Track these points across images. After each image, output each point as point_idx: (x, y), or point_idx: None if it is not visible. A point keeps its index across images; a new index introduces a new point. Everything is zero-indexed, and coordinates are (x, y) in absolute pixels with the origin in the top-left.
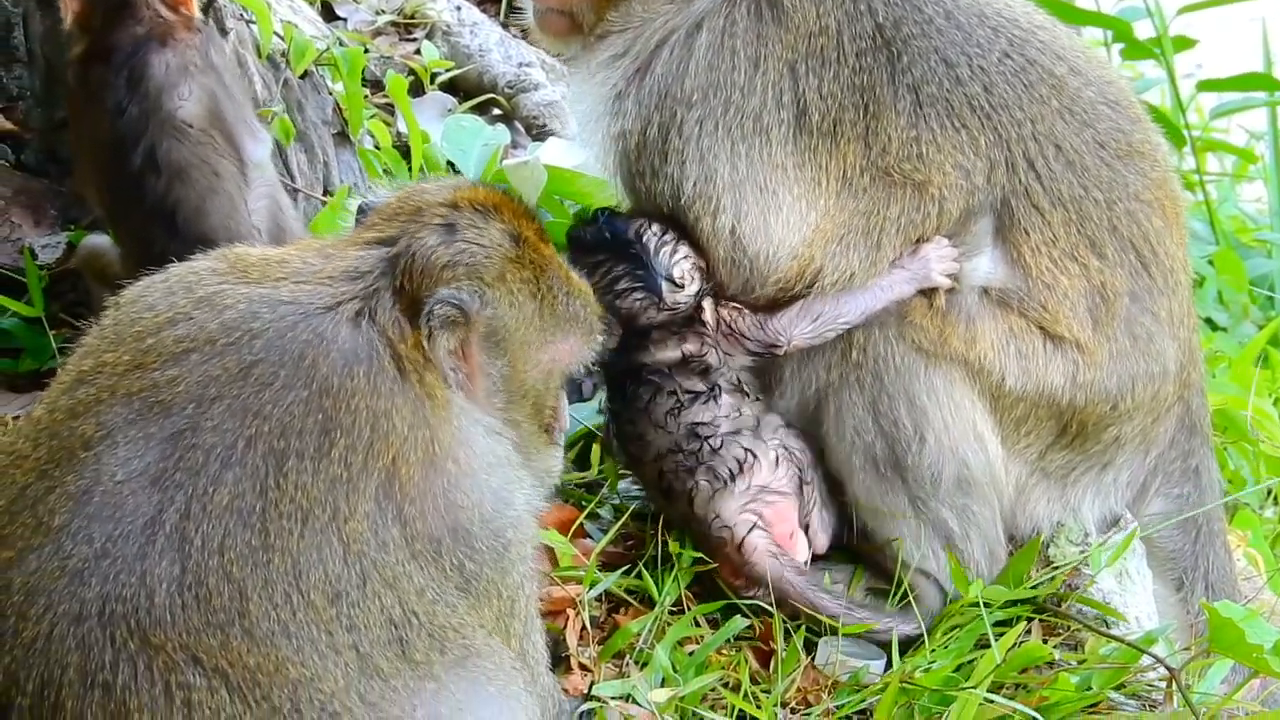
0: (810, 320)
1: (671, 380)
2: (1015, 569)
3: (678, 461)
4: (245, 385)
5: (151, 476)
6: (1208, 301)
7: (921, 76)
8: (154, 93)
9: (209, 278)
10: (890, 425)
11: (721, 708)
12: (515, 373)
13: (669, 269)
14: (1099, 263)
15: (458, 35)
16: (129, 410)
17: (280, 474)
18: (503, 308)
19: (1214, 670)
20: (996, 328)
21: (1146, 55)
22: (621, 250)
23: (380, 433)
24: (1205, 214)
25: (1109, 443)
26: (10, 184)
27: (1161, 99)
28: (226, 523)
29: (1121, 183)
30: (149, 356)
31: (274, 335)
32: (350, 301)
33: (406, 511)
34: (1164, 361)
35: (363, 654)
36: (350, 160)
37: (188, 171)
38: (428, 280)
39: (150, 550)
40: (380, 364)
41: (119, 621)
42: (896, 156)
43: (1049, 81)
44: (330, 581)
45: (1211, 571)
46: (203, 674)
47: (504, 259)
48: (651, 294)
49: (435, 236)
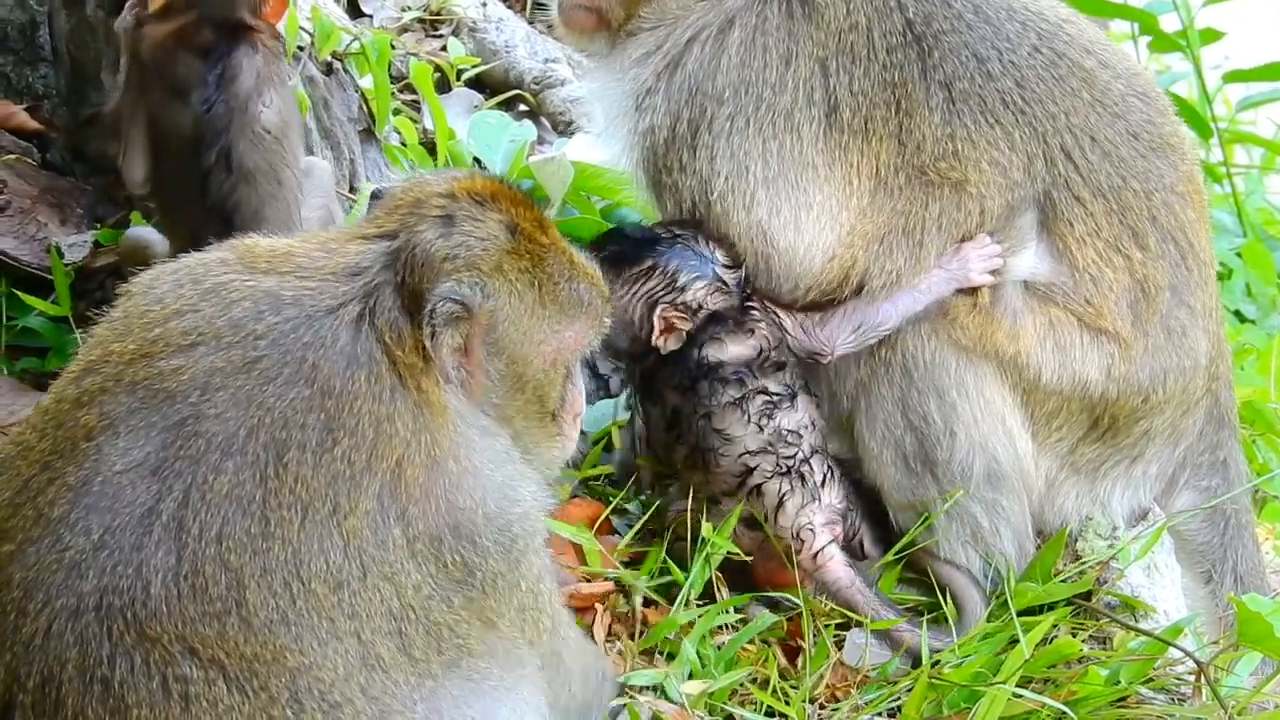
0: (853, 329)
1: (755, 379)
2: (1043, 563)
3: (771, 464)
4: (249, 378)
5: (151, 466)
6: (1236, 294)
7: (953, 72)
8: (242, 95)
9: (217, 268)
10: (920, 420)
11: (750, 704)
12: (516, 365)
13: (713, 252)
14: (1142, 254)
15: (483, 31)
16: (133, 400)
17: (281, 464)
18: (502, 299)
19: (1242, 663)
20: (1037, 321)
21: (1173, 48)
22: (666, 248)
23: (384, 435)
24: (1233, 206)
25: (1139, 436)
26: (36, 182)
27: (1188, 91)
28: (225, 511)
29: (1157, 174)
30: (155, 346)
31: (278, 336)
32: (351, 303)
33: (410, 512)
34: (1195, 355)
35: (364, 641)
36: (376, 158)
37: (255, 175)
38: (429, 274)
39: (147, 541)
40: (379, 370)
41: (116, 615)
42: (932, 155)
43: (1079, 74)
44: (332, 571)
45: (1240, 564)
46: (199, 666)
47: (501, 250)
48: (713, 278)
49: (433, 230)
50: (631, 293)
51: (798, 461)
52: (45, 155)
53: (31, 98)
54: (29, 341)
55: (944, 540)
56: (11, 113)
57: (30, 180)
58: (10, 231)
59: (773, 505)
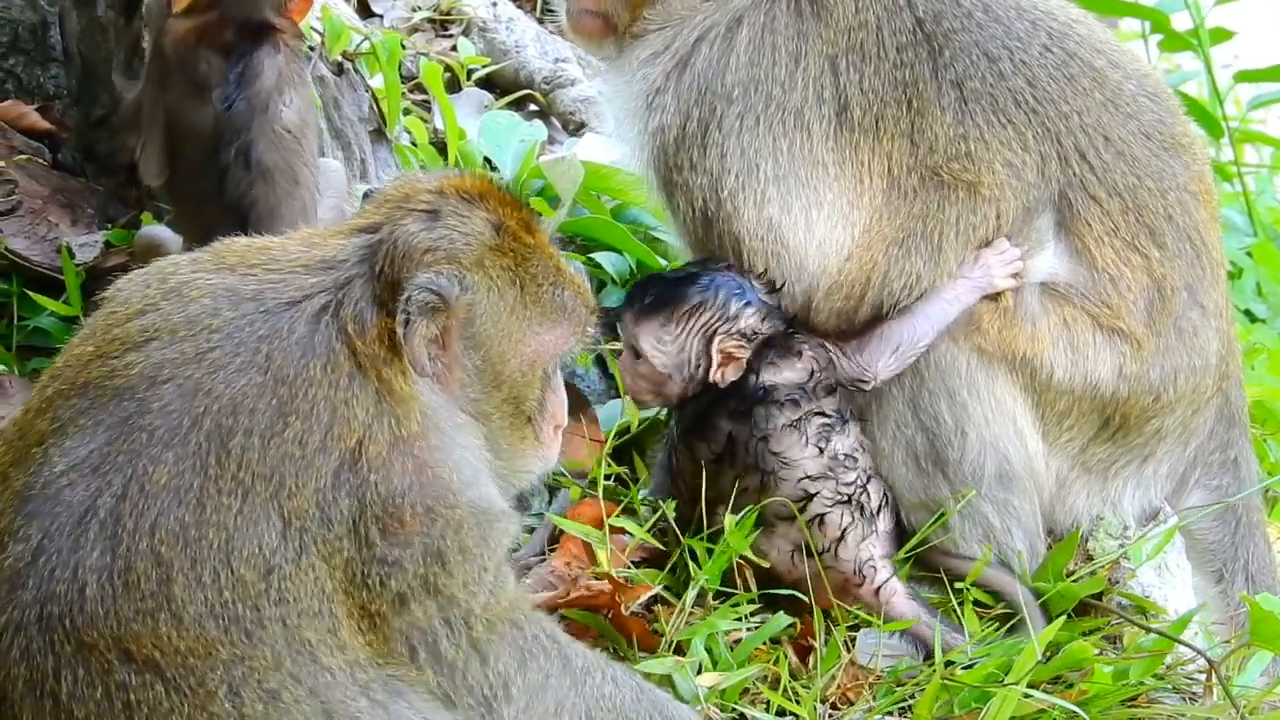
0: (892, 351)
1: (810, 401)
2: (1055, 562)
3: (832, 490)
4: (198, 368)
5: (93, 464)
6: (1246, 293)
7: (964, 71)
8: (264, 94)
9: (186, 267)
10: (931, 420)
11: (760, 703)
12: (493, 362)
13: (750, 279)
14: (1159, 254)
15: (494, 31)
16: (83, 400)
17: (224, 450)
18: (481, 294)
19: (1254, 662)
20: (1052, 322)
21: (1184, 47)
22: (709, 281)
23: (342, 419)
24: (1243, 205)
25: (1150, 435)
26: (47, 183)
27: (1199, 90)
28: (162, 502)
29: (1171, 173)
30: (112, 346)
31: (232, 330)
32: (317, 295)
33: (370, 479)
34: (1206, 354)
35: (289, 626)
36: (387, 157)
37: (273, 173)
38: (408, 264)
39: (84, 541)
40: (336, 359)
41: (56, 624)
42: (945, 155)
43: (1091, 74)
44: (265, 555)
45: (1252, 563)
46: (136, 670)
47: (484, 246)
48: (760, 304)
49: (417, 223)
50: (685, 330)
51: (857, 489)
52: (56, 155)
53: (42, 98)
54: (40, 342)
55: (958, 541)
56: (23, 113)
57: (41, 181)
58: (21, 232)
59: (834, 537)
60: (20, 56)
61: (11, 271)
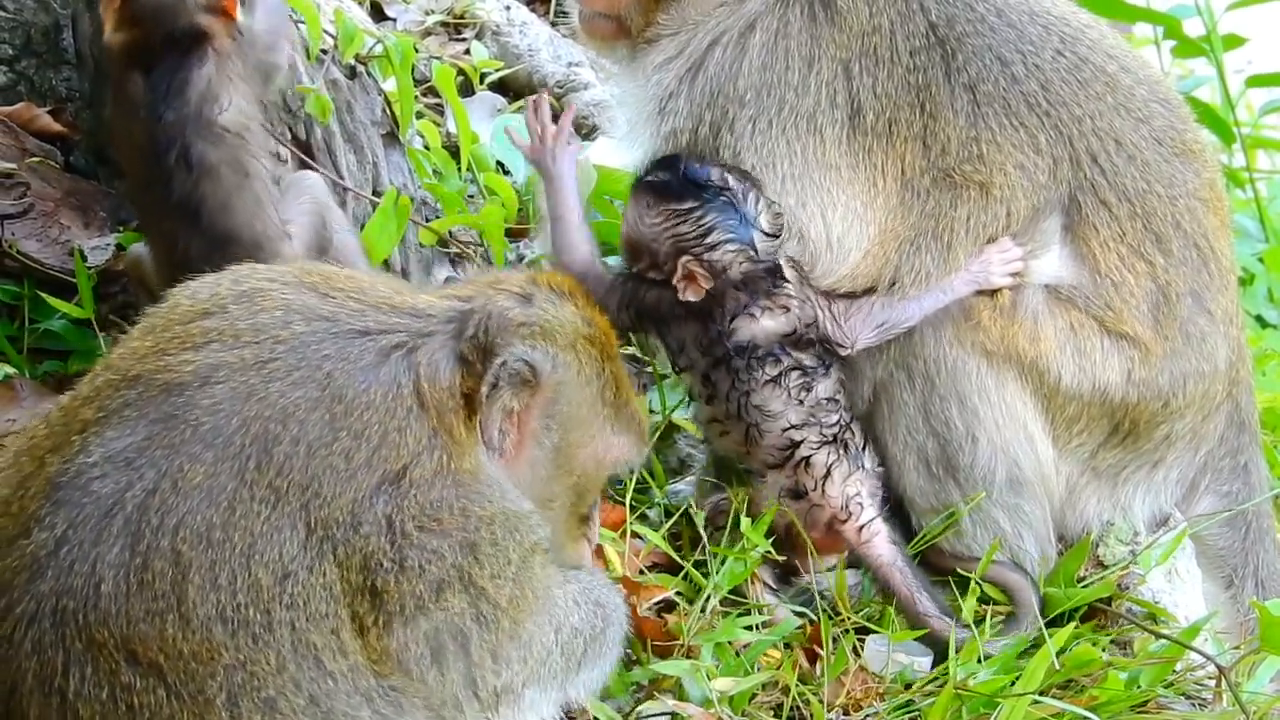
0: (876, 326)
1: (789, 356)
2: (1066, 569)
3: (816, 434)
4: (256, 375)
5: (128, 457)
6: (1258, 299)
7: (977, 75)
8: (194, 102)
9: (263, 275)
10: (942, 426)
11: (769, 709)
12: (569, 447)
13: (757, 216)
14: (1165, 260)
15: (507, 35)
16: (131, 392)
17: (266, 455)
18: (570, 375)
19: (1263, 668)
20: (1058, 325)
21: (1197, 52)
22: (713, 197)
23: (392, 443)
24: (1255, 211)
25: (1160, 441)
26: (60, 185)
27: (1211, 96)
28: (192, 501)
29: (1180, 179)
30: (171, 343)
31: (298, 343)
32: (395, 334)
33: (409, 493)
34: (1215, 359)
35: (297, 629)
36: (399, 161)
37: (217, 169)
38: (503, 333)
39: (106, 535)
40: (399, 392)
41: (69, 620)
42: (957, 158)
43: (1102, 79)
44: (284, 561)
45: (1262, 569)
46: (140, 673)
47: (577, 332)
48: (745, 245)
49: (511, 300)
50: (663, 227)
51: (841, 428)
52: (68, 158)
53: (55, 100)
54: (51, 344)
55: (970, 546)
56: (35, 115)
57: (53, 183)
58: (33, 234)
59: (820, 475)
60: (33, 59)
61: (23, 274)
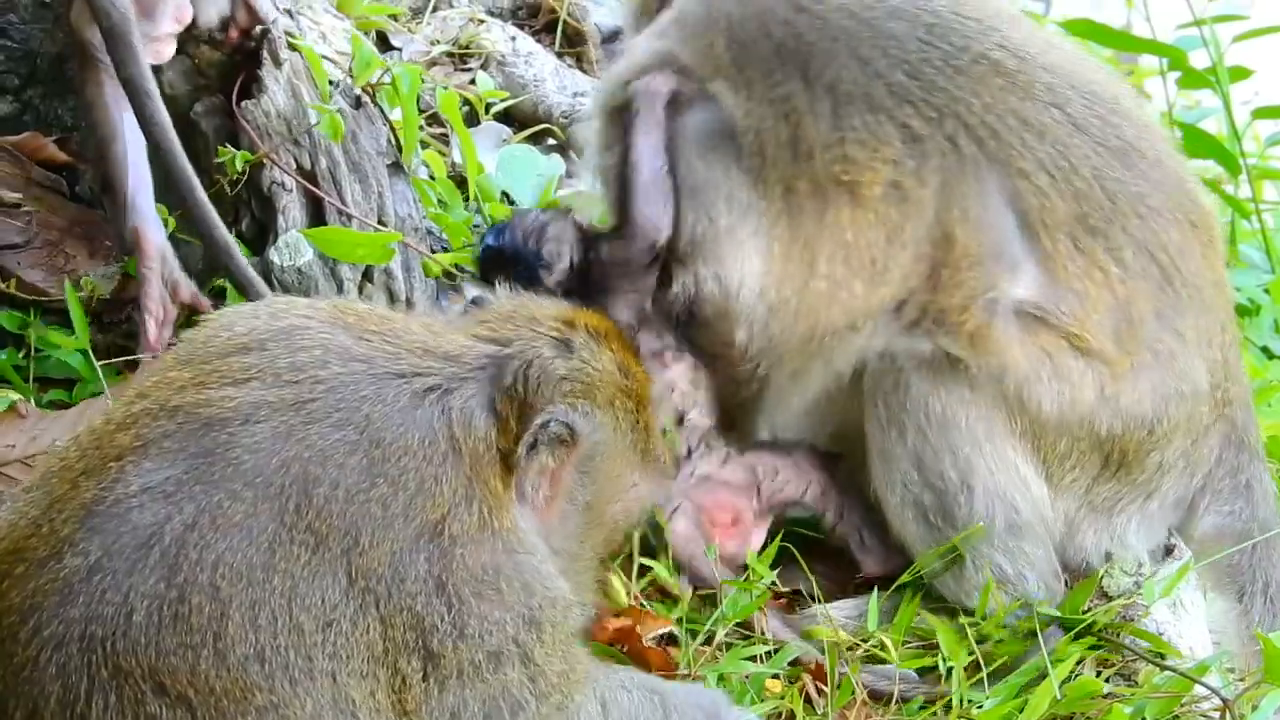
0: None
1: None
2: (1073, 603)
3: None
4: (296, 415)
5: (168, 490)
6: (1264, 329)
7: (835, 76)
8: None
9: (301, 311)
10: (936, 479)
11: None
12: (601, 501)
13: (535, 252)
14: (1119, 269)
15: (512, 65)
16: (171, 423)
17: (306, 498)
18: (606, 433)
19: (1267, 700)
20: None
21: (1203, 84)
22: (511, 256)
23: (428, 492)
24: (1261, 242)
25: (1153, 470)
26: (65, 214)
27: (1218, 127)
28: (232, 539)
29: (1115, 175)
30: (211, 377)
31: (337, 384)
32: (430, 377)
33: (455, 552)
34: (1193, 381)
35: (338, 683)
36: (405, 190)
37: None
38: (545, 389)
39: (142, 565)
40: (434, 437)
41: (96, 646)
42: (823, 161)
43: (985, 64)
44: (326, 609)
45: (1271, 585)
46: (167, 704)
47: (615, 385)
48: (535, 282)
49: (552, 349)
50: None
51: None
52: (74, 188)
53: (60, 130)
54: (58, 373)
55: (971, 592)
56: (41, 145)
57: (59, 212)
58: (39, 264)
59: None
60: (38, 88)
61: (29, 304)
